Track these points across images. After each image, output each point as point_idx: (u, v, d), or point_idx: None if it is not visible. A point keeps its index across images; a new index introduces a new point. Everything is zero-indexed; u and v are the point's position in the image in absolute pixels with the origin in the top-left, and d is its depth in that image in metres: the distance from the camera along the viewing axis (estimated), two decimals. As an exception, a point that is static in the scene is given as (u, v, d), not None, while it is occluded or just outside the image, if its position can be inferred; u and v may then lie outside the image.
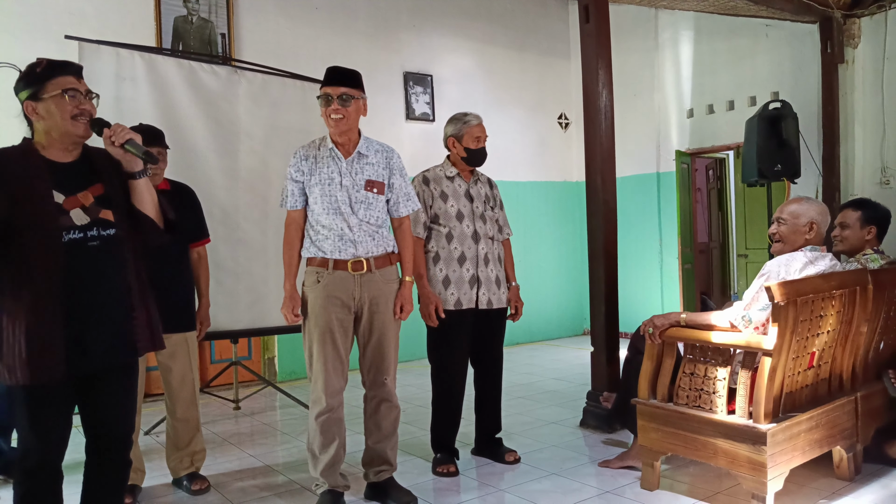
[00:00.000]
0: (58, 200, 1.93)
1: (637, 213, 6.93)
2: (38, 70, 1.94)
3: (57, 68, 1.96)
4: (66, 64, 1.99)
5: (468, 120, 3.25)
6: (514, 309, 3.40)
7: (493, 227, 3.32)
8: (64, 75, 1.96)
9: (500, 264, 3.33)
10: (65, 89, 1.94)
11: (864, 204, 3.39)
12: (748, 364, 2.53)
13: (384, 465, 2.85)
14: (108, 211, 2.00)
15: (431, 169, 3.30)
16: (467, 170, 3.30)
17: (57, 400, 1.94)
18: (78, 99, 1.96)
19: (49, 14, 4.55)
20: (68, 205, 1.94)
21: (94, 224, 1.96)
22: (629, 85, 6.79)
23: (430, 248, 3.21)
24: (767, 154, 4.93)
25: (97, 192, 1.99)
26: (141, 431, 3.25)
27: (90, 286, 1.94)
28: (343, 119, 2.66)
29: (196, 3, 5.14)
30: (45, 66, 1.95)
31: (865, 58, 5.34)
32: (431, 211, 3.20)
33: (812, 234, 2.76)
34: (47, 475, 1.96)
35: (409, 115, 6.35)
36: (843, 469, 2.88)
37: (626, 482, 2.99)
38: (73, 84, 1.96)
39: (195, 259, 3.20)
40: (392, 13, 6.27)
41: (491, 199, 3.35)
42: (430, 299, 3.10)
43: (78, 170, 2.00)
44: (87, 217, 1.96)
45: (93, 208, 1.97)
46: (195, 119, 3.89)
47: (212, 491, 3.08)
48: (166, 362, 3.01)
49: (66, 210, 1.93)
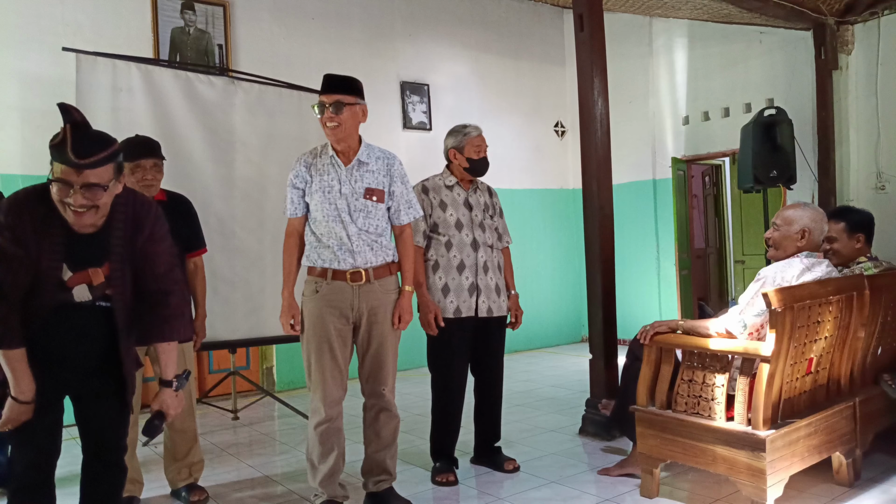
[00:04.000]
0: (63, 276, 1.85)
1: (634, 220, 6.94)
2: (55, 143, 1.77)
3: (59, 153, 1.75)
4: (75, 149, 1.74)
5: (468, 131, 3.27)
6: (514, 317, 3.40)
7: (493, 235, 3.33)
8: (66, 165, 1.75)
9: (499, 272, 3.33)
10: (60, 179, 1.76)
11: (844, 213, 3.36)
12: (746, 370, 2.54)
13: (383, 474, 2.84)
14: (113, 288, 1.92)
15: (430, 178, 3.31)
16: (467, 179, 3.31)
17: (46, 412, 1.92)
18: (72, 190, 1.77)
19: (45, 25, 4.56)
20: (74, 281, 1.86)
21: (95, 297, 1.91)
22: (624, 92, 6.81)
23: (429, 257, 3.21)
24: (763, 160, 4.95)
25: (107, 273, 1.90)
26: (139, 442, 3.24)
27: (69, 345, 1.92)
28: (339, 127, 2.65)
29: (193, 15, 5.16)
30: (58, 141, 1.75)
31: (859, 64, 5.37)
32: (431, 220, 3.21)
33: (804, 241, 2.76)
34: (39, 487, 1.94)
35: (405, 125, 6.36)
36: (842, 475, 2.88)
37: (625, 490, 2.98)
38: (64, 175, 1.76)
39: (191, 269, 3.19)
40: (387, 22, 6.29)
41: (490, 208, 3.36)
42: (429, 308, 3.10)
43: (96, 242, 1.88)
44: (88, 296, 1.89)
45: (100, 286, 1.90)
46: (192, 129, 3.90)
47: (210, 502, 3.07)
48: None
49: (68, 287, 1.86)
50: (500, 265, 3.36)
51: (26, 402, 1.84)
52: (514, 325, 3.43)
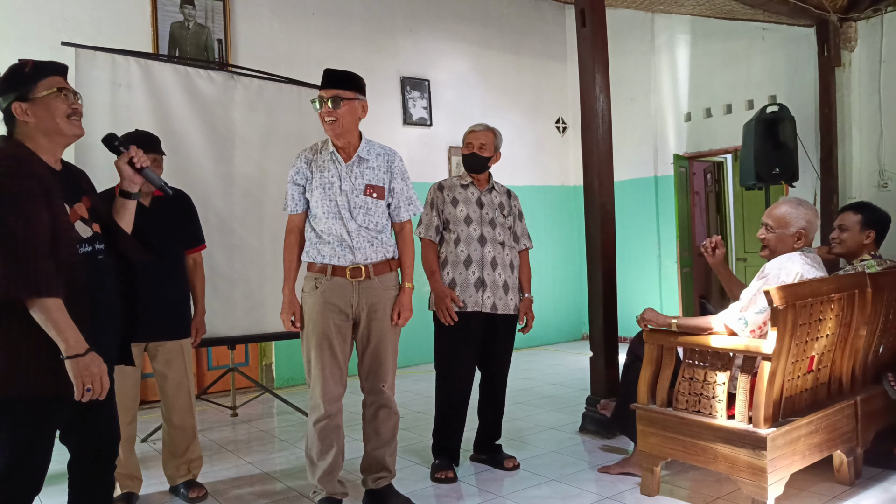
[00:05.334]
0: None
1: (635, 217, 6.92)
2: (27, 70, 1.89)
3: (47, 69, 1.91)
4: (54, 64, 1.94)
5: (469, 129, 3.34)
6: (524, 320, 3.39)
7: (504, 233, 3.32)
8: (54, 75, 1.92)
9: (510, 271, 3.30)
10: (59, 88, 1.90)
11: (864, 207, 3.36)
12: (747, 368, 2.52)
13: (383, 471, 2.83)
14: (97, 224, 1.97)
15: (449, 178, 3.39)
16: (482, 178, 3.32)
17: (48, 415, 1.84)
18: (70, 98, 1.92)
19: (44, 21, 4.54)
20: (72, 217, 1.89)
21: (95, 237, 1.93)
22: (626, 88, 6.79)
23: (440, 253, 3.24)
24: (765, 157, 4.93)
25: (88, 205, 1.96)
26: (137, 439, 3.23)
27: (102, 302, 1.91)
28: (337, 122, 2.64)
29: (192, 9, 5.14)
30: (32, 66, 1.89)
31: (862, 61, 5.34)
32: (443, 216, 3.25)
33: (800, 243, 2.75)
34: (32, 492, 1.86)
35: (406, 120, 6.34)
36: (843, 473, 2.87)
37: (625, 488, 2.97)
38: (63, 84, 1.93)
39: (191, 265, 3.18)
40: (388, 18, 6.27)
41: (507, 208, 3.36)
42: (444, 292, 3.12)
43: (67, 179, 1.95)
44: (89, 230, 1.92)
45: (89, 221, 1.94)
46: (191, 125, 3.88)
47: (209, 498, 3.06)
48: (162, 370, 2.99)
49: (71, 223, 1.87)
50: (513, 264, 3.33)
51: (82, 353, 1.75)
52: (524, 329, 3.41)
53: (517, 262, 3.38)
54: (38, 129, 1.89)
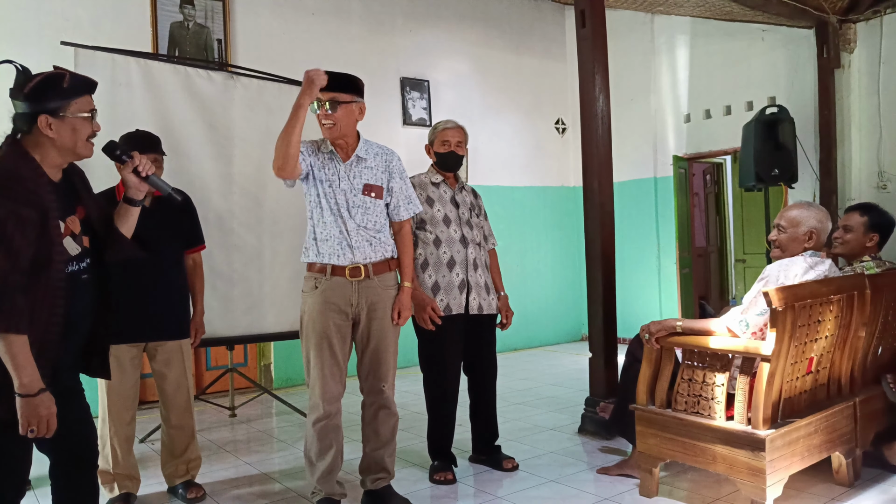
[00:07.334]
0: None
1: (634, 218, 6.92)
2: (64, 85, 1.79)
3: (81, 86, 1.83)
4: (88, 82, 1.86)
5: (439, 125, 3.30)
6: (505, 318, 3.39)
7: (479, 233, 3.33)
8: (87, 94, 1.84)
9: (486, 271, 3.33)
10: (91, 110, 1.83)
11: (871, 209, 3.33)
12: (746, 370, 2.52)
13: (382, 472, 2.83)
14: (86, 237, 1.90)
15: (417, 175, 3.29)
16: (451, 177, 3.31)
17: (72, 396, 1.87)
18: (94, 121, 1.85)
19: (43, 20, 4.54)
20: (64, 232, 1.81)
21: (83, 253, 1.87)
22: (626, 89, 6.79)
23: (417, 255, 3.17)
24: (764, 159, 4.94)
25: (81, 216, 1.89)
26: (136, 439, 3.23)
27: (76, 322, 1.85)
28: (334, 126, 2.65)
29: (192, 9, 5.14)
30: (69, 81, 1.80)
31: (861, 62, 5.35)
32: (417, 216, 3.18)
33: (811, 242, 2.75)
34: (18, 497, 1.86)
35: (405, 121, 6.34)
36: (842, 474, 2.87)
37: (624, 489, 2.97)
38: (93, 106, 1.85)
39: (190, 265, 3.18)
40: (387, 18, 6.27)
41: (476, 208, 3.36)
42: (425, 301, 3.06)
43: (65, 189, 1.87)
44: (77, 247, 1.84)
45: (80, 236, 1.86)
46: (191, 125, 3.88)
47: (207, 499, 3.06)
48: (161, 370, 2.99)
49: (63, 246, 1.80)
50: (487, 263, 3.36)
51: (34, 393, 1.70)
52: (504, 326, 3.42)
53: (489, 262, 3.40)
54: (55, 144, 1.81)
